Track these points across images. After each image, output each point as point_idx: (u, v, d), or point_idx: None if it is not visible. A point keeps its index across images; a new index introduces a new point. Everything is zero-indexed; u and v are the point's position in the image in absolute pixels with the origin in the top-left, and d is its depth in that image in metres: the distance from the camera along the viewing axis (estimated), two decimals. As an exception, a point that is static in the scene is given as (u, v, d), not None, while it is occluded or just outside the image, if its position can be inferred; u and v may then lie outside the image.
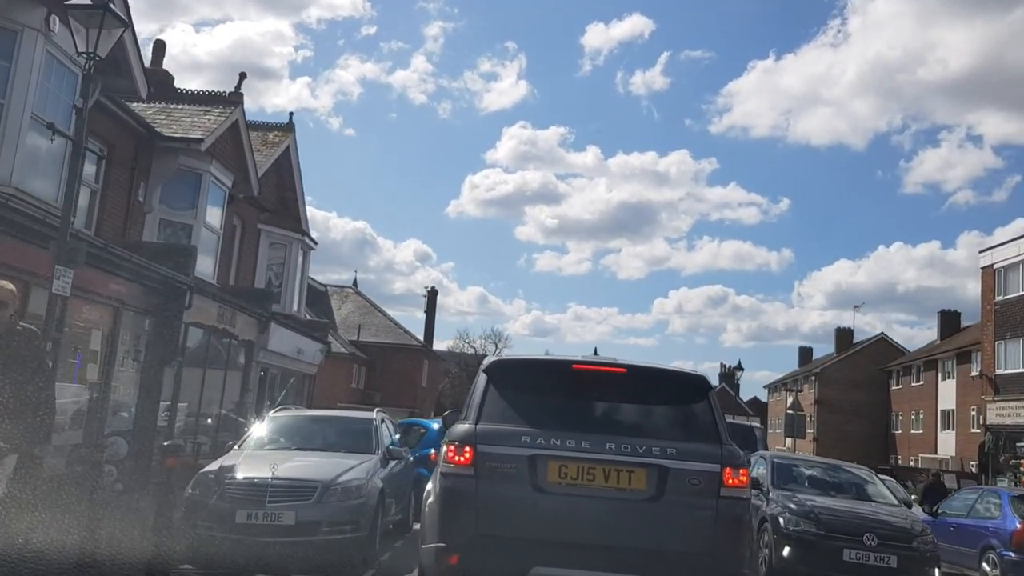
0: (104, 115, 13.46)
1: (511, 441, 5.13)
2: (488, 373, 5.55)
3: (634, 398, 5.55)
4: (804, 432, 41.80)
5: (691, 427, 5.42)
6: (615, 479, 5.10)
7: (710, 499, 5.10)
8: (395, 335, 43.49)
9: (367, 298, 46.23)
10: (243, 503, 7.65)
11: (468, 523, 5.04)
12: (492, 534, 5.01)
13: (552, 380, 5.64)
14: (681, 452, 5.17)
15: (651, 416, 5.55)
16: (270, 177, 21.71)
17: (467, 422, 5.33)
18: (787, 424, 33.11)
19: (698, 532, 5.09)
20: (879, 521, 9.28)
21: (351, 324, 43.07)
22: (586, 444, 5.13)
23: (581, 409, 5.46)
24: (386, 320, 44.52)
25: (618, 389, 5.57)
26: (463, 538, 5.04)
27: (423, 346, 43.73)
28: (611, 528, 5.05)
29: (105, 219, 14.08)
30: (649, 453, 5.13)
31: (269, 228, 21.45)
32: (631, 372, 5.62)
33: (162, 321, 13.61)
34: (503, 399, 5.38)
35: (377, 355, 42.29)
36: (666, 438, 5.25)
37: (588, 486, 5.08)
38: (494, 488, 5.06)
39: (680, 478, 5.10)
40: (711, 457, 5.20)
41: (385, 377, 42.22)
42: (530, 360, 6.17)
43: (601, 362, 5.87)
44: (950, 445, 45.26)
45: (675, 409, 5.57)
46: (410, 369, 42.84)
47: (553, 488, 5.07)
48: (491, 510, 5.03)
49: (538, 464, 5.08)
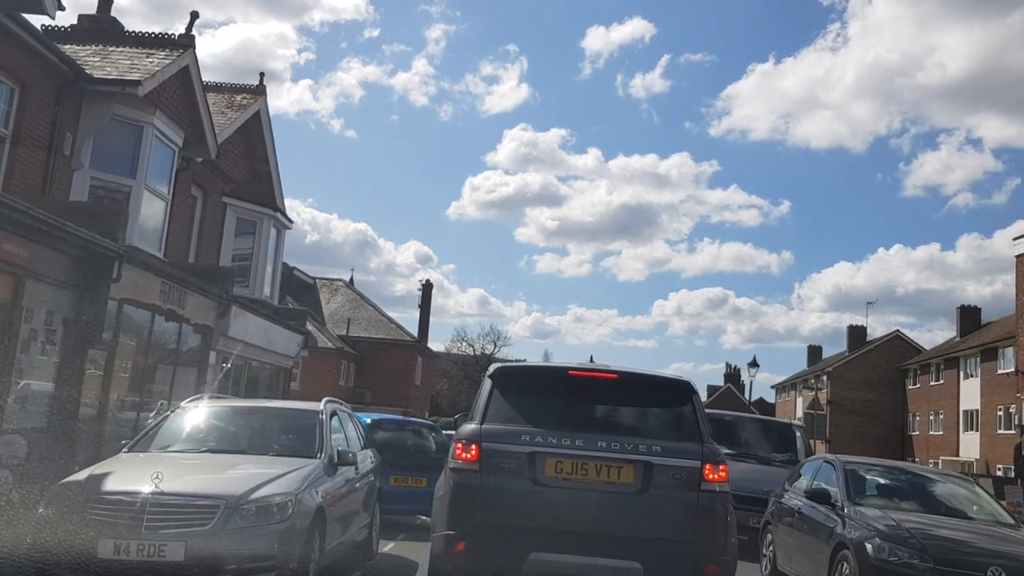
0: (13, 44, 11.09)
1: (513, 440, 5.70)
2: (493, 378, 6.12)
3: (624, 401, 6.11)
4: (825, 432, 39.49)
5: (676, 427, 5.94)
6: (606, 474, 5.64)
7: (691, 492, 5.63)
8: (387, 330, 41.09)
9: (358, 292, 43.86)
10: (110, 529, 5.29)
11: (474, 513, 5.58)
12: (495, 523, 5.54)
13: (550, 385, 6.21)
14: (665, 450, 5.70)
15: (639, 417, 6.08)
16: (237, 145, 19.35)
17: (473, 422, 5.87)
18: (807, 424, 31.06)
19: (680, 522, 5.62)
20: (1003, 552, 6.84)
21: (340, 318, 40.71)
22: (580, 442, 5.68)
23: (576, 411, 5.98)
24: (377, 315, 42.13)
25: (610, 393, 6.13)
26: (469, 526, 5.58)
27: (416, 342, 41.30)
28: (602, 518, 5.58)
29: (17, 173, 11.69)
30: (636, 451, 5.67)
31: (237, 202, 19.07)
32: (622, 378, 6.19)
33: (83, 295, 11.21)
34: (506, 402, 5.94)
35: (368, 351, 39.92)
36: (652, 437, 5.80)
37: (582, 480, 5.62)
38: (497, 481, 5.60)
39: (664, 473, 5.65)
40: (692, 454, 5.71)
41: (376, 374, 39.86)
42: (531, 367, 6.98)
43: (595, 368, 6.40)
44: (974, 447, 42.84)
45: (661, 411, 6.08)
46: (403, 366, 40.44)
47: (550, 482, 5.61)
48: (494, 501, 5.57)
49: (537, 460, 5.64)
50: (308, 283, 43.23)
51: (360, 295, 43.51)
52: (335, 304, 42.28)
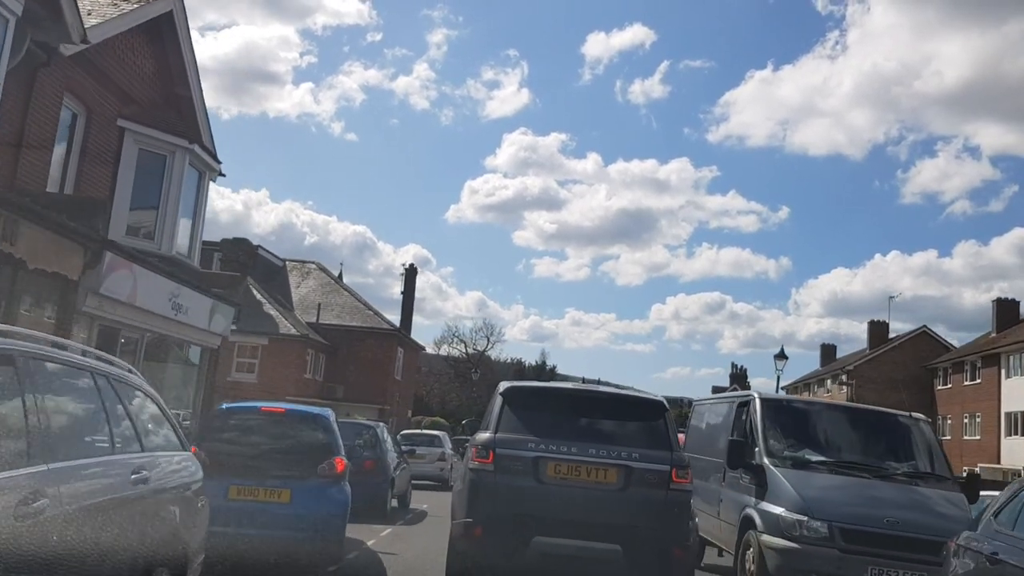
0: None
1: (520, 447, 7.41)
2: (504, 396, 7.87)
3: (610, 416, 7.95)
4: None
5: (650, 438, 7.67)
6: (595, 475, 7.36)
7: (662, 491, 7.34)
8: (363, 317, 36.57)
9: (332, 275, 39.33)
10: None
11: (488, 504, 7.27)
12: (506, 512, 7.22)
13: (551, 402, 8.20)
14: (642, 456, 7.43)
15: (622, 429, 7.81)
16: (142, 57, 14.93)
17: (488, 432, 7.60)
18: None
19: (653, 514, 7.30)
20: None
21: (310, 303, 36.22)
22: (575, 449, 7.38)
23: (572, 423, 7.75)
24: (353, 300, 37.62)
25: (599, 410, 8.06)
26: (485, 515, 7.27)
27: (395, 331, 36.75)
28: (591, 509, 7.28)
29: None
30: (619, 457, 7.40)
31: (139, 128, 14.60)
32: (608, 397, 8.42)
33: None
34: (514, 415, 7.68)
35: (341, 340, 35.44)
36: (632, 446, 7.54)
37: (576, 479, 7.34)
38: (508, 480, 7.30)
39: (641, 475, 7.35)
40: (664, 460, 7.43)
41: (350, 367, 35.38)
42: (536, 386, 9.19)
43: (587, 389, 9.26)
44: (1018, 453, 38.39)
45: (639, 425, 7.87)
46: (380, 358, 35.93)
47: (551, 481, 7.32)
48: (506, 495, 7.25)
49: (540, 463, 7.35)
50: (276, 265, 38.78)
51: (335, 279, 39.01)
52: (306, 288, 37.79)
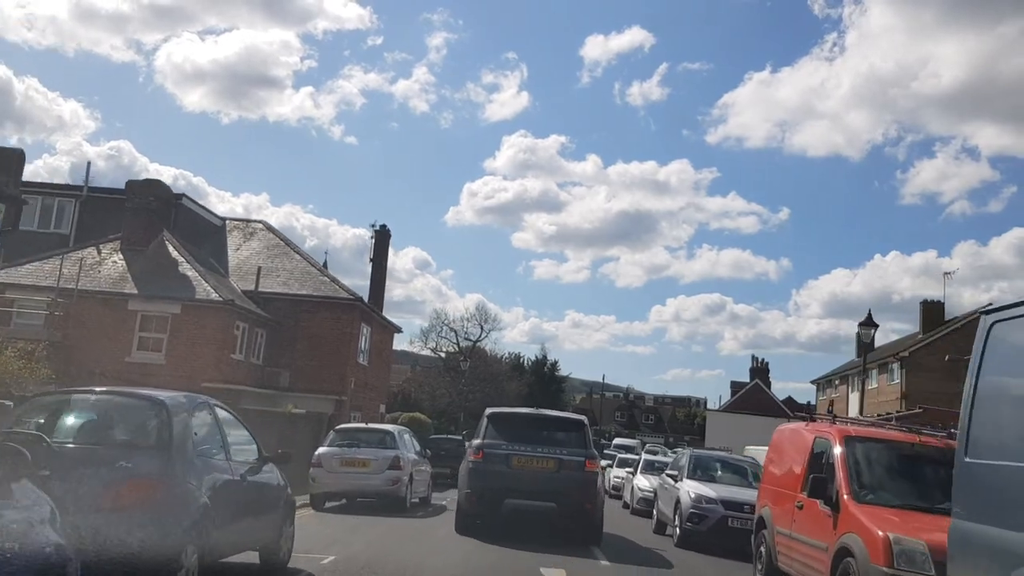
0: None
1: (498, 448, 12.49)
2: (488, 417, 13.14)
3: (550, 429, 13.25)
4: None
5: (575, 442, 12.80)
6: (541, 464, 12.36)
7: (579, 472, 12.33)
8: (315, 284, 28.87)
9: (282, 236, 31.63)
10: None
11: (480, 481, 12.40)
12: (490, 486, 12.41)
13: (516, 420, 13.45)
14: (568, 452, 12.49)
15: (557, 437, 12.96)
16: None
17: (479, 439, 12.81)
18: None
19: (575, 485, 12.28)
20: None
21: (250, 269, 28.55)
22: (529, 449, 12.44)
23: (528, 434, 12.85)
24: (306, 265, 29.90)
25: (544, 425, 13.34)
26: (478, 488, 12.43)
27: (356, 301, 29.00)
28: (538, 483, 12.37)
29: None
30: (555, 453, 12.46)
31: None
32: (551, 417, 13.98)
33: None
34: (495, 429, 12.88)
35: (287, 314, 27.79)
36: (563, 446, 12.67)
37: (529, 467, 12.32)
38: (490, 467, 12.34)
39: (568, 463, 12.36)
40: (581, 455, 12.50)
41: (299, 348, 27.73)
42: (507, 411, 14.16)
43: (538, 412, 14.04)
44: None
45: (567, 434, 13.06)
46: (337, 336, 28.23)
47: (515, 467, 12.28)
48: (489, 476, 12.33)
49: (509, 458, 12.34)
50: (214, 224, 31.13)
51: (284, 239, 31.26)
52: (248, 251, 30.12)
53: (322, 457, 15.92)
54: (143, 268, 24.82)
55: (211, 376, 23.38)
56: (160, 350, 23.77)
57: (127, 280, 24.40)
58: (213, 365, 23.60)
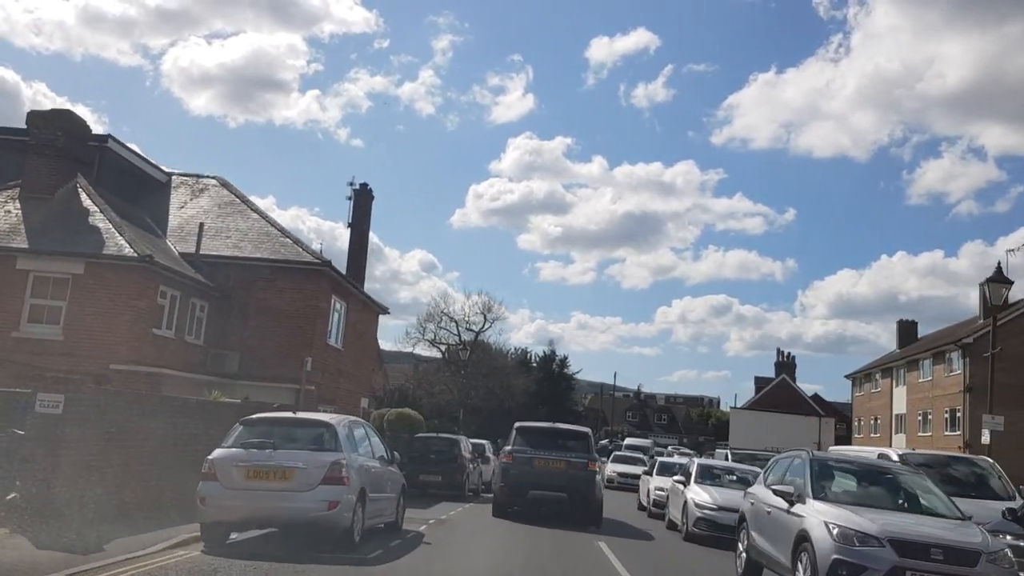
0: None
1: (524, 452, 16.79)
2: (517, 430, 17.61)
3: (563, 438, 17.46)
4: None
5: (582, 448, 17.16)
6: (555, 465, 16.65)
7: (583, 471, 16.63)
8: (273, 247, 23.38)
9: (239, 192, 26.11)
10: None
11: (510, 477, 16.85)
12: (518, 482, 16.85)
13: (537, 432, 17.84)
14: (576, 456, 16.82)
15: (568, 444, 17.19)
16: None
17: (509, 446, 17.23)
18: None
19: (580, 480, 16.59)
20: None
21: (193, 229, 23.08)
22: (546, 454, 16.76)
23: (547, 441, 17.19)
24: (264, 224, 24.41)
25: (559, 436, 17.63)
26: (509, 482, 16.90)
27: (324, 265, 23.47)
28: (553, 479, 16.74)
29: None
30: (567, 457, 16.75)
31: None
32: (564, 429, 18.27)
33: None
34: (521, 437, 17.26)
35: (237, 283, 22.35)
36: (572, 451, 16.93)
37: (547, 467, 16.63)
38: (518, 467, 16.69)
39: (575, 464, 16.65)
40: (586, 458, 16.87)
41: (252, 325, 22.28)
42: (532, 425, 18.74)
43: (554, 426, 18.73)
44: None
45: (575, 442, 17.34)
46: (301, 311, 22.75)
47: (537, 468, 16.62)
48: (517, 474, 16.73)
49: (532, 460, 16.63)
50: (156, 179, 25.67)
51: (239, 195, 25.74)
52: (194, 209, 24.66)
53: (218, 464, 10.05)
54: (43, 219, 19.41)
55: (123, 356, 17.94)
56: (58, 322, 18.34)
57: (19, 232, 19.00)
58: (126, 342, 18.16)
